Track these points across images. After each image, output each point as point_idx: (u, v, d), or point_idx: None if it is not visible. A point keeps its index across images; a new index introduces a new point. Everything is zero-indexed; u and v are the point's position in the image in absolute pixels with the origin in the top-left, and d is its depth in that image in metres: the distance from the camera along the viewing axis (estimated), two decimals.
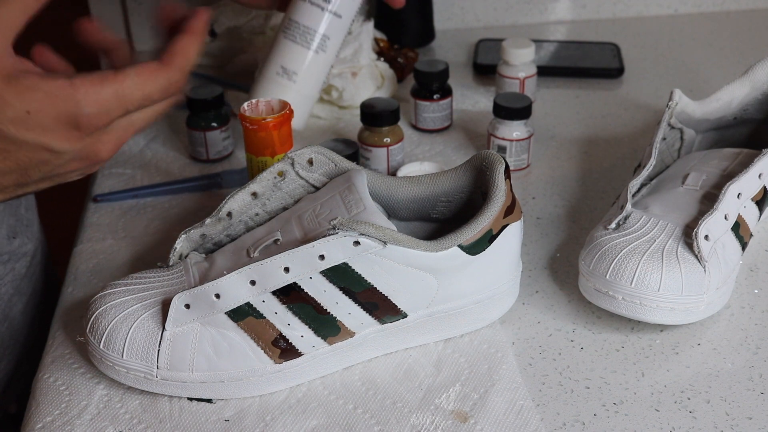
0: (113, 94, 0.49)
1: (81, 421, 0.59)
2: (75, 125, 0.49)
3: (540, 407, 0.59)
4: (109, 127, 0.51)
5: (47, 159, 0.50)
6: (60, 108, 0.48)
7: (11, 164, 0.50)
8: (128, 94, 0.50)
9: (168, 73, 0.52)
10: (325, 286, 0.58)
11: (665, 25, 1.23)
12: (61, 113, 0.48)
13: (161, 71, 0.52)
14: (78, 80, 0.49)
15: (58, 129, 0.48)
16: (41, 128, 0.48)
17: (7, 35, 0.48)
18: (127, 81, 0.50)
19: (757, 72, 0.78)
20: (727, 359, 0.63)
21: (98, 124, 0.50)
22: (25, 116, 0.47)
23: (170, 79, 0.52)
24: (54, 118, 0.48)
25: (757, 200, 0.69)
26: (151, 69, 0.52)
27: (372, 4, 1.19)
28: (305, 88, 0.85)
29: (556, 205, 0.82)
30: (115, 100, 0.50)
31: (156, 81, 0.52)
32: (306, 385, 0.62)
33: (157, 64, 0.52)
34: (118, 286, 0.62)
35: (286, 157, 0.65)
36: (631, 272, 0.62)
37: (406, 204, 0.66)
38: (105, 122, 0.50)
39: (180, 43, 0.54)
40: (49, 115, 0.48)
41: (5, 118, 0.47)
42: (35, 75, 0.48)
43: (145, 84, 0.51)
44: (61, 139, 0.49)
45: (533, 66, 0.97)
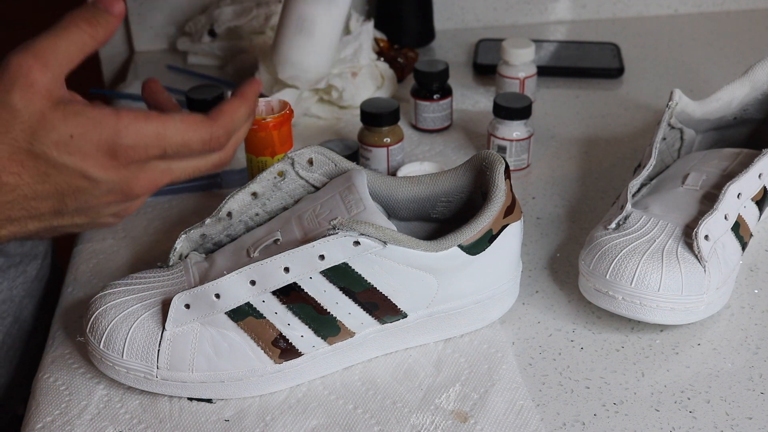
0: (154, 132, 0.51)
1: (81, 421, 0.59)
2: (113, 154, 0.50)
3: (540, 407, 0.59)
4: (146, 166, 0.52)
5: (84, 187, 0.51)
6: (101, 135, 0.49)
7: (50, 188, 0.50)
8: (169, 136, 0.51)
9: (211, 128, 0.53)
10: (325, 286, 0.58)
11: (665, 25, 1.23)
12: (101, 140, 0.49)
13: (205, 124, 0.53)
14: (123, 111, 0.50)
15: (97, 156, 0.50)
16: (81, 153, 0.49)
17: (63, 67, 0.49)
18: (170, 123, 0.51)
19: (757, 72, 0.78)
20: (727, 359, 0.63)
21: (135, 157, 0.51)
22: (68, 140, 0.49)
23: (212, 134, 0.53)
24: (95, 144, 0.49)
25: (757, 200, 0.69)
26: (196, 120, 0.53)
27: (372, 4, 1.19)
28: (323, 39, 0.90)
29: (556, 205, 0.82)
30: (154, 138, 0.51)
31: (198, 132, 0.53)
32: (306, 385, 0.62)
33: (203, 117, 0.53)
34: (118, 286, 0.62)
35: (286, 157, 0.65)
36: (631, 272, 0.62)
37: (406, 204, 0.66)
38: (141, 157, 0.51)
39: (229, 104, 0.55)
40: (91, 141, 0.49)
41: (49, 140, 0.49)
42: (82, 104, 0.50)
43: (186, 131, 0.52)
44: (99, 167, 0.50)
45: (533, 66, 0.97)
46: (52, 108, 0.49)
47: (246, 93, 0.57)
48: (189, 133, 0.52)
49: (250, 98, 0.57)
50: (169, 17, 1.18)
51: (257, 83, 0.58)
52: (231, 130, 0.55)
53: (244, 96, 0.57)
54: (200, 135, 0.53)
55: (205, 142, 0.53)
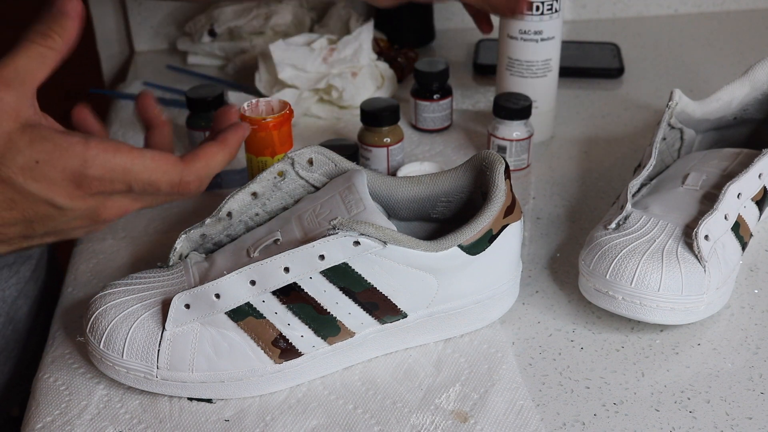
0: (121, 167, 0.49)
1: (81, 421, 0.59)
2: (78, 183, 0.49)
3: (540, 407, 0.59)
4: (113, 196, 0.51)
5: (51, 214, 0.50)
6: (67, 163, 0.48)
7: (17, 215, 0.50)
8: (136, 172, 0.50)
9: (182, 172, 0.52)
10: (325, 286, 0.58)
11: (665, 25, 1.23)
12: (67, 168, 0.48)
13: (176, 167, 0.52)
14: (92, 141, 0.49)
15: (63, 184, 0.49)
16: (47, 181, 0.48)
17: (29, 86, 0.49)
18: (139, 160, 0.50)
19: (757, 72, 0.78)
20: (727, 359, 0.63)
21: (99, 189, 0.50)
22: (33, 165, 0.48)
23: (182, 179, 0.52)
24: (60, 172, 0.48)
25: (757, 200, 0.69)
26: (167, 160, 0.51)
27: None
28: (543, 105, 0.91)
29: (556, 205, 0.82)
30: (121, 173, 0.50)
31: (167, 174, 0.51)
32: (306, 385, 0.62)
33: (176, 159, 0.52)
34: (118, 286, 0.62)
35: (286, 157, 0.65)
36: (631, 272, 0.62)
37: (406, 204, 0.66)
38: (106, 189, 0.50)
39: (207, 149, 0.54)
40: (56, 168, 0.48)
41: (15, 164, 0.48)
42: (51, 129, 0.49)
43: (155, 171, 0.51)
44: (64, 196, 0.49)
45: None
46: (19, 131, 0.48)
47: (228, 139, 0.55)
48: (157, 174, 0.51)
49: (232, 145, 0.55)
50: (169, 17, 1.18)
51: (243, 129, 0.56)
52: (203, 176, 0.53)
53: (224, 143, 0.55)
54: (169, 177, 0.51)
55: (173, 185, 0.52)
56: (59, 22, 0.49)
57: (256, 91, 1.00)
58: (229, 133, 0.55)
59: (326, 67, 0.97)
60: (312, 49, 0.98)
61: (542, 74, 0.88)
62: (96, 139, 0.49)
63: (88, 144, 0.49)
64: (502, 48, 0.89)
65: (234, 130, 0.56)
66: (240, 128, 0.56)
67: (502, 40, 0.88)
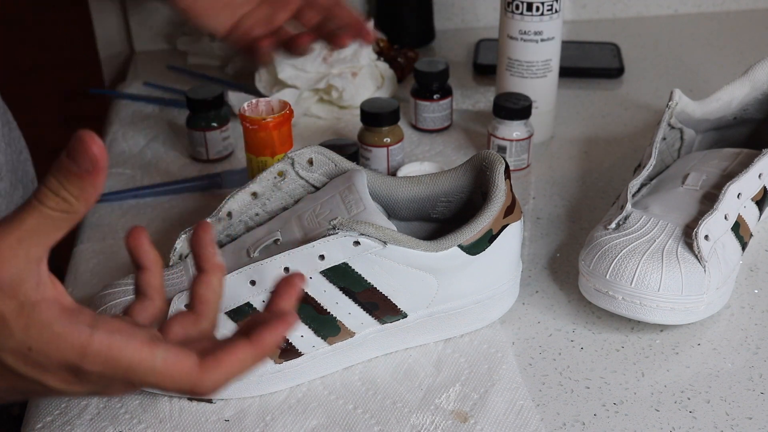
0: (126, 366, 0.43)
1: (81, 421, 0.59)
2: (75, 373, 0.43)
3: (540, 407, 0.59)
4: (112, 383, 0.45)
5: (44, 392, 0.46)
6: (64, 355, 0.42)
7: (6, 385, 0.45)
8: (141, 374, 0.43)
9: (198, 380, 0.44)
10: (325, 286, 0.58)
11: (665, 25, 1.23)
12: (63, 359, 0.43)
13: (192, 375, 0.44)
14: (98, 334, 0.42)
15: (57, 372, 0.43)
16: (40, 367, 0.43)
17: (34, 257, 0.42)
18: (148, 362, 0.43)
19: (757, 72, 0.78)
20: (727, 359, 0.63)
21: (98, 381, 0.44)
22: (26, 351, 0.42)
23: (195, 388, 0.44)
24: (55, 363, 0.43)
25: (757, 200, 0.69)
26: (183, 367, 0.43)
27: (372, 4, 1.19)
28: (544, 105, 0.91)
29: (556, 205, 0.82)
30: (123, 372, 0.43)
31: (179, 382, 0.44)
32: (306, 385, 0.62)
33: (193, 365, 0.43)
34: (118, 286, 0.62)
35: (286, 157, 0.65)
36: (631, 272, 0.62)
37: (406, 204, 0.66)
38: (105, 383, 0.44)
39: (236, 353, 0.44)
40: (50, 358, 0.43)
41: (6, 346, 0.42)
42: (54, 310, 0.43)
43: (164, 377, 0.43)
44: (59, 382, 0.44)
45: None
46: (15, 312, 0.42)
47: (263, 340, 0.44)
48: (165, 382, 0.43)
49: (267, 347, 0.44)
50: (169, 17, 1.18)
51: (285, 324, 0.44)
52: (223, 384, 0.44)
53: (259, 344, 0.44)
54: (179, 385, 0.44)
55: (184, 392, 0.44)
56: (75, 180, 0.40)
57: (256, 91, 1.00)
58: (266, 331, 0.44)
59: (326, 67, 0.97)
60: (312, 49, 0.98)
61: (542, 74, 0.88)
62: (103, 331, 0.43)
63: (91, 337, 0.42)
64: (502, 48, 0.89)
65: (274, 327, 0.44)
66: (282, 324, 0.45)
67: (502, 40, 0.88)
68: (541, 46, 0.86)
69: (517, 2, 0.85)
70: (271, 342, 0.44)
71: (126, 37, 1.21)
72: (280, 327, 0.44)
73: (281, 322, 0.44)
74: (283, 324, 0.44)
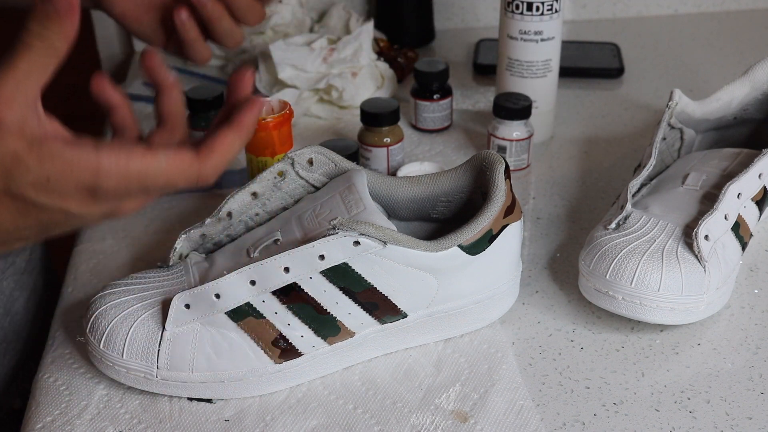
0: (137, 173, 0.48)
1: (81, 421, 0.59)
2: (93, 193, 0.48)
3: (540, 407, 0.59)
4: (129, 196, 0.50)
5: (67, 219, 0.50)
6: (80, 177, 0.47)
7: (32, 221, 0.49)
8: (152, 176, 0.48)
9: (200, 168, 0.50)
10: (325, 286, 0.58)
11: (665, 25, 1.23)
12: (80, 182, 0.47)
13: (193, 164, 0.49)
14: (103, 152, 0.47)
15: (77, 196, 0.48)
16: (60, 194, 0.47)
17: (32, 96, 0.46)
18: (155, 164, 0.48)
19: (757, 72, 0.78)
20: (727, 359, 0.63)
21: (116, 195, 0.49)
22: (45, 182, 0.47)
23: (200, 175, 0.50)
24: (73, 186, 0.47)
25: (757, 200, 0.69)
26: (183, 159, 0.49)
27: (372, 3, 1.19)
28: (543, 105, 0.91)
29: (556, 205, 0.82)
30: (136, 179, 0.48)
31: (184, 173, 0.49)
32: (306, 385, 0.62)
33: (192, 155, 0.49)
34: (118, 286, 0.62)
35: (286, 157, 0.65)
36: (631, 272, 0.62)
37: (406, 204, 0.66)
38: (122, 195, 0.49)
39: (223, 138, 0.50)
40: (68, 184, 0.47)
41: (25, 181, 0.47)
42: (59, 141, 0.47)
43: (172, 172, 0.49)
44: (79, 205, 0.48)
45: None
46: (26, 148, 0.46)
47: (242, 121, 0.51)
48: (174, 175, 0.49)
49: (247, 127, 0.52)
50: None
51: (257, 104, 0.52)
52: (221, 167, 0.51)
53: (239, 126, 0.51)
54: (186, 176, 0.49)
55: (191, 182, 0.50)
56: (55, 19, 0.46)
57: (256, 91, 1.00)
58: (243, 114, 0.52)
59: (326, 67, 0.97)
60: (312, 49, 0.98)
61: (542, 74, 0.88)
62: (107, 148, 0.47)
63: (99, 156, 0.47)
64: (502, 48, 0.89)
65: (247, 109, 0.52)
66: (253, 105, 0.52)
67: (502, 40, 0.88)
68: (541, 46, 0.86)
69: (517, 2, 0.85)
70: (249, 122, 0.51)
71: (126, 37, 1.21)
72: (254, 107, 0.52)
73: (253, 102, 0.52)
74: (255, 104, 0.52)
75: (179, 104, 0.54)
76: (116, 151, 0.47)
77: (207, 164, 0.50)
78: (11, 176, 0.46)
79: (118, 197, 0.49)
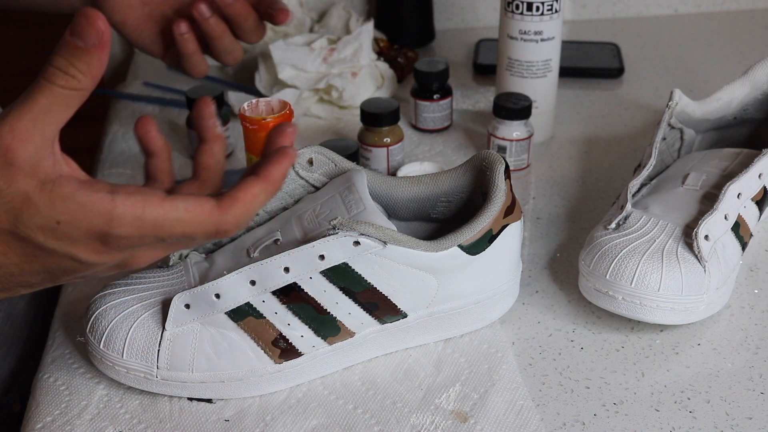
0: (152, 222, 0.45)
1: (81, 421, 0.59)
2: (104, 241, 0.45)
3: (540, 407, 0.59)
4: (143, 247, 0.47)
5: (76, 267, 0.47)
6: (91, 223, 0.44)
7: (38, 267, 0.47)
8: (168, 227, 0.45)
9: (220, 221, 0.46)
10: (325, 286, 0.58)
11: (665, 25, 1.23)
12: (91, 228, 0.44)
13: (212, 216, 0.46)
14: (119, 198, 0.44)
15: (88, 242, 0.45)
16: (70, 240, 0.45)
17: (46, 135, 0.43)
18: (172, 213, 0.45)
19: (757, 72, 0.78)
20: (727, 359, 0.63)
21: (129, 245, 0.46)
22: (54, 226, 0.44)
23: (219, 228, 0.46)
24: (84, 233, 0.44)
25: (757, 200, 0.69)
26: (202, 210, 0.46)
27: (372, 4, 1.19)
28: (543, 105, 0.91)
29: (556, 205, 0.82)
30: (152, 228, 0.45)
31: (202, 226, 0.46)
32: (306, 385, 0.62)
33: (212, 206, 0.46)
34: (118, 286, 0.62)
35: None
36: (631, 272, 0.62)
37: (406, 204, 0.66)
38: (135, 245, 0.46)
39: (248, 190, 0.47)
40: (79, 229, 0.44)
41: (33, 224, 0.44)
42: (73, 183, 0.44)
43: (189, 224, 0.46)
44: (89, 252, 0.46)
45: None
46: (37, 189, 0.43)
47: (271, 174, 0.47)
48: (192, 227, 0.46)
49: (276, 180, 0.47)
50: None
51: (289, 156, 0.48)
52: (243, 221, 0.47)
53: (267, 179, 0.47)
54: (204, 229, 0.46)
55: (210, 235, 0.47)
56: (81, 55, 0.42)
57: (256, 91, 1.00)
58: (272, 166, 0.48)
59: (326, 67, 0.97)
60: (312, 49, 0.98)
61: (542, 74, 0.88)
62: (123, 194, 0.44)
63: (114, 201, 0.44)
64: (502, 48, 0.89)
65: (278, 161, 0.48)
66: (285, 158, 0.48)
67: (502, 40, 0.88)
68: (541, 46, 0.86)
69: (517, 2, 0.85)
70: (278, 175, 0.47)
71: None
72: (284, 160, 0.48)
73: (284, 155, 0.48)
74: (286, 157, 0.48)
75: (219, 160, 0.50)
76: (132, 197, 0.45)
77: (228, 215, 0.46)
78: (20, 217, 0.44)
79: (131, 246, 0.46)
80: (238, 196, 0.47)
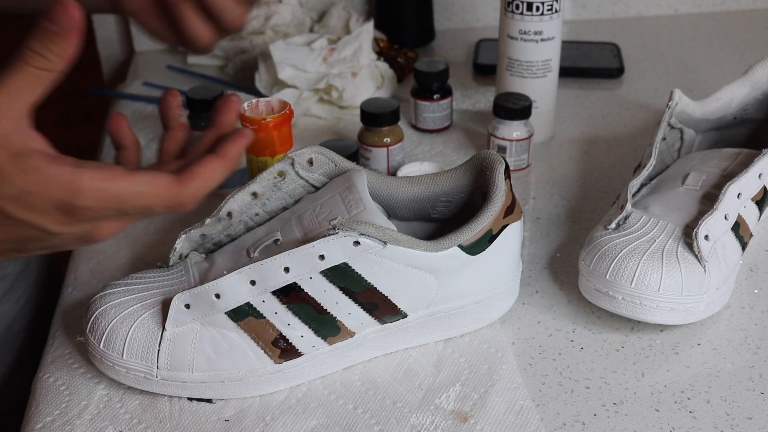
0: (115, 194, 0.48)
1: (81, 421, 0.59)
2: (68, 212, 0.48)
3: (540, 407, 0.59)
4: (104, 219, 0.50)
5: (42, 237, 0.50)
6: (58, 194, 0.47)
7: (7, 236, 0.49)
8: (130, 199, 0.48)
9: (178, 193, 0.50)
10: (325, 286, 0.58)
11: (665, 25, 1.23)
12: (57, 199, 0.47)
13: (171, 189, 0.49)
14: (84, 171, 0.47)
15: (53, 213, 0.48)
16: (36, 210, 0.47)
17: (22, 112, 0.47)
18: (134, 187, 0.48)
19: (757, 72, 0.78)
20: (727, 359, 0.63)
21: (92, 216, 0.49)
22: (24, 196, 0.47)
23: (178, 200, 0.50)
24: (50, 203, 0.47)
25: (757, 200, 0.69)
26: (162, 183, 0.49)
27: (372, 3, 1.19)
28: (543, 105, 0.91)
29: (556, 205, 0.82)
30: (114, 200, 0.48)
31: (161, 198, 0.49)
32: (306, 385, 0.62)
33: (171, 180, 0.49)
34: (118, 286, 0.62)
35: (286, 157, 0.65)
36: (631, 272, 0.62)
37: (406, 204, 0.66)
38: (98, 216, 0.49)
39: (205, 166, 0.51)
40: (45, 199, 0.47)
41: (3, 194, 0.47)
42: (43, 157, 0.47)
43: (149, 196, 0.49)
44: (54, 223, 0.48)
45: None
46: (10, 160, 0.46)
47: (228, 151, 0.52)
48: (151, 199, 0.49)
49: (233, 157, 0.52)
50: None
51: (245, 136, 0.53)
52: (201, 195, 0.51)
53: (224, 155, 0.51)
54: (163, 201, 0.49)
55: (168, 207, 0.50)
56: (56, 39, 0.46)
57: (256, 91, 1.00)
58: (229, 144, 0.52)
59: (326, 67, 0.97)
60: (312, 49, 0.98)
61: (542, 74, 0.88)
62: (88, 168, 0.47)
63: (79, 174, 0.47)
64: (502, 48, 0.89)
65: (234, 139, 0.52)
66: (241, 137, 0.53)
67: (502, 40, 0.88)
68: (541, 46, 0.86)
69: (517, 2, 0.85)
70: (235, 153, 0.52)
71: (126, 37, 1.21)
72: (241, 140, 0.52)
73: (241, 135, 0.53)
74: (243, 137, 0.53)
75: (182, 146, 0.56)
76: (97, 171, 0.48)
77: (186, 190, 0.50)
78: None
79: (94, 218, 0.49)
80: (197, 171, 0.50)
